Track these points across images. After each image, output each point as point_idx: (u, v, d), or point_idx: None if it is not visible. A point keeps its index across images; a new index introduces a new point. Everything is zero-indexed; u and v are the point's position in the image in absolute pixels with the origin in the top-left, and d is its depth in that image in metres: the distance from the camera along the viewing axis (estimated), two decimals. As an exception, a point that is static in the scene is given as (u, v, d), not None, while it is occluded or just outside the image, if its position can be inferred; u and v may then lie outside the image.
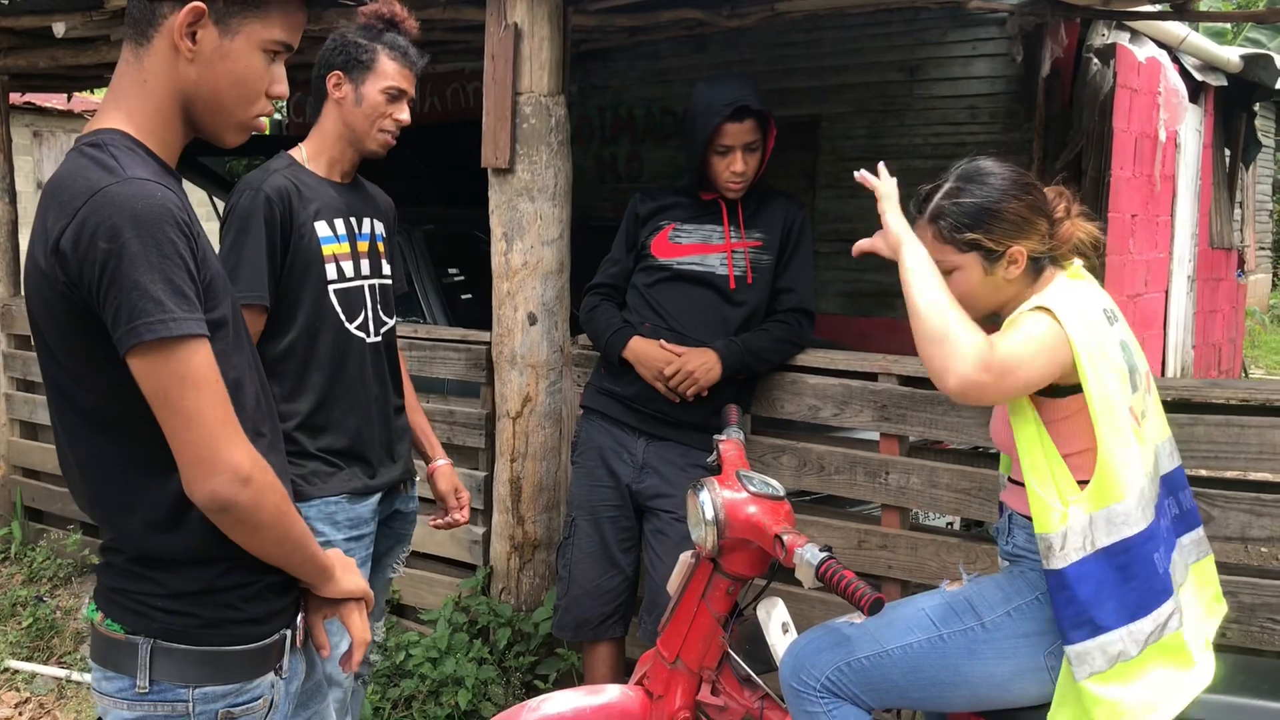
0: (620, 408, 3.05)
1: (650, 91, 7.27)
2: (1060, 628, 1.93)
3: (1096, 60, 5.96)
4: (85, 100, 16.09)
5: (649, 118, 7.40)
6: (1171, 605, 1.93)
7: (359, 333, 2.50)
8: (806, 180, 6.62)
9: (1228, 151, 8.70)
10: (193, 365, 1.37)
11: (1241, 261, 9.47)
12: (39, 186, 17.02)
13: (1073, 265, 2.10)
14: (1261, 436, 2.57)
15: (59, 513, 5.04)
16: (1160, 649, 1.92)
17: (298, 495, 2.41)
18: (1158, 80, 6.74)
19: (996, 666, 1.97)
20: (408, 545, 2.76)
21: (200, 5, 1.43)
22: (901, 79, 6.38)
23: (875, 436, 3.11)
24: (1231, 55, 7.65)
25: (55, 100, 14.38)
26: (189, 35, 1.43)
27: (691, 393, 2.90)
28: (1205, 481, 2.69)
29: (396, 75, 2.51)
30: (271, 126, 9.57)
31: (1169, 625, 1.92)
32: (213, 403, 1.38)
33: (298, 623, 1.63)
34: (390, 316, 2.63)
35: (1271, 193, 11.56)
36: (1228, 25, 10.59)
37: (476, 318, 3.98)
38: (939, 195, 2.08)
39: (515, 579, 3.53)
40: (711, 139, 2.91)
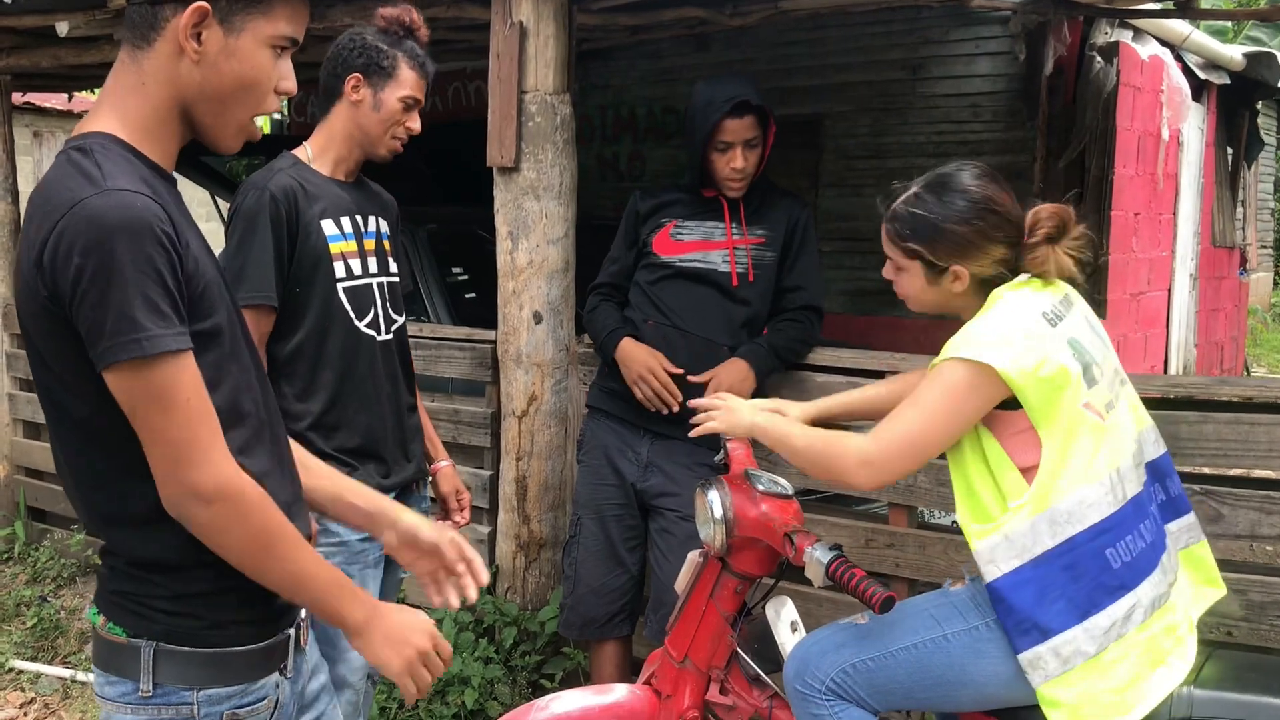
0: (625, 406, 3.04)
1: (652, 91, 7.26)
2: (1011, 637, 1.93)
3: (1099, 58, 5.95)
4: (86, 100, 16.07)
5: (651, 117, 7.39)
6: (1131, 599, 1.91)
7: (369, 330, 2.50)
8: (809, 179, 6.61)
9: (1230, 150, 8.69)
10: (163, 384, 1.34)
11: (1244, 260, 9.47)
12: (39, 187, 17.02)
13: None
14: (1271, 434, 2.56)
15: (62, 513, 5.03)
16: (1125, 644, 1.90)
17: None
18: (1161, 78, 6.74)
19: (1002, 665, 1.96)
20: None
21: (204, 5, 1.40)
22: (904, 77, 6.37)
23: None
24: (1234, 53, 7.65)
25: (55, 100, 14.37)
26: (194, 36, 1.41)
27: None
28: (1214, 479, 2.68)
29: (415, 85, 2.51)
30: (272, 126, 9.56)
31: (1131, 619, 1.90)
32: (179, 422, 1.36)
33: (301, 619, 1.61)
34: (399, 314, 2.62)
35: (1273, 191, 11.56)
36: (1229, 24, 10.58)
37: (481, 317, 3.98)
38: (900, 198, 2.08)
39: (521, 578, 3.53)
40: (711, 136, 2.90)
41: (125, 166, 1.39)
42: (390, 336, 2.56)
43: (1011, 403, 1.92)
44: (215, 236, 2.65)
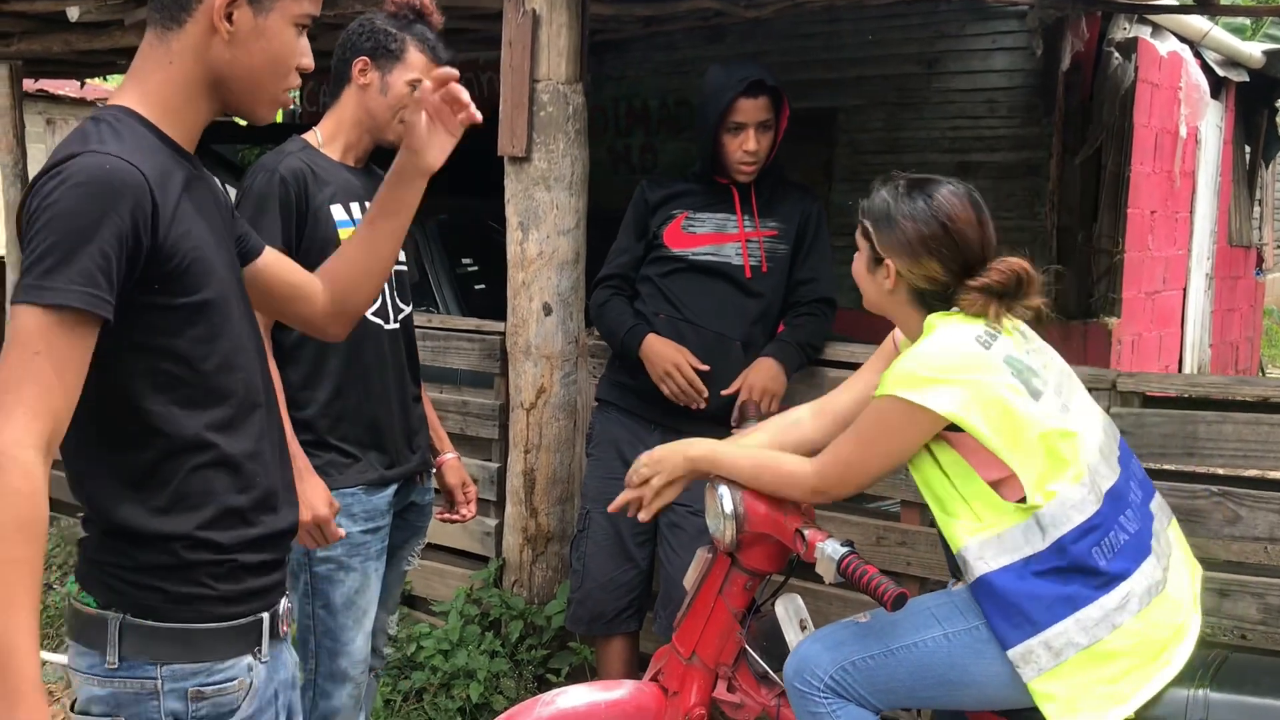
0: (635, 400, 3.02)
1: (665, 83, 7.22)
2: (998, 634, 1.92)
3: (1117, 54, 5.91)
4: (98, 87, 16.10)
5: (664, 109, 7.35)
6: (1124, 590, 1.89)
7: (376, 319, 2.47)
8: (823, 173, 6.57)
9: (1248, 148, 8.63)
10: (30, 329, 1.31)
11: (1260, 259, 9.40)
12: (52, 174, 17.09)
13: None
14: (1292, 436, 2.53)
15: (70, 500, 5.01)
16: (1120, 635, 1.88)
17: None
18: (1179, 75, 6.69)
19: (1003, 665, 1.94)
20: (423, 538, 2.73)
21: None
22: (920, 72, 6.33)
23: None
24: (1254, 51, 7.59)
25: (68, 87, 14.39)
26: (226, 16, 1.47)
27: (773, 407, 2.84)
28: (1233, 481, 2.64)
29: (424, 68, 2.47)
30: (284, 115, 9.55)
31: (1126, 608, 1.88)
32: (11, 367, 1.31)
33: (282, 611, 1.59)
34: (406, 303, 2.59)
35: (1290, 191, 11.47)
36: (1249, 20, 10.51)
37: (490, 308, 3.95)
38: (887, 182, 2.11)
39: (528, 571, 3.51)
40: (724, 116, 2.87)
41: (130, 137, 1.42)
42: (397, 326, 2.54)
43: (953, 427, 1.95)
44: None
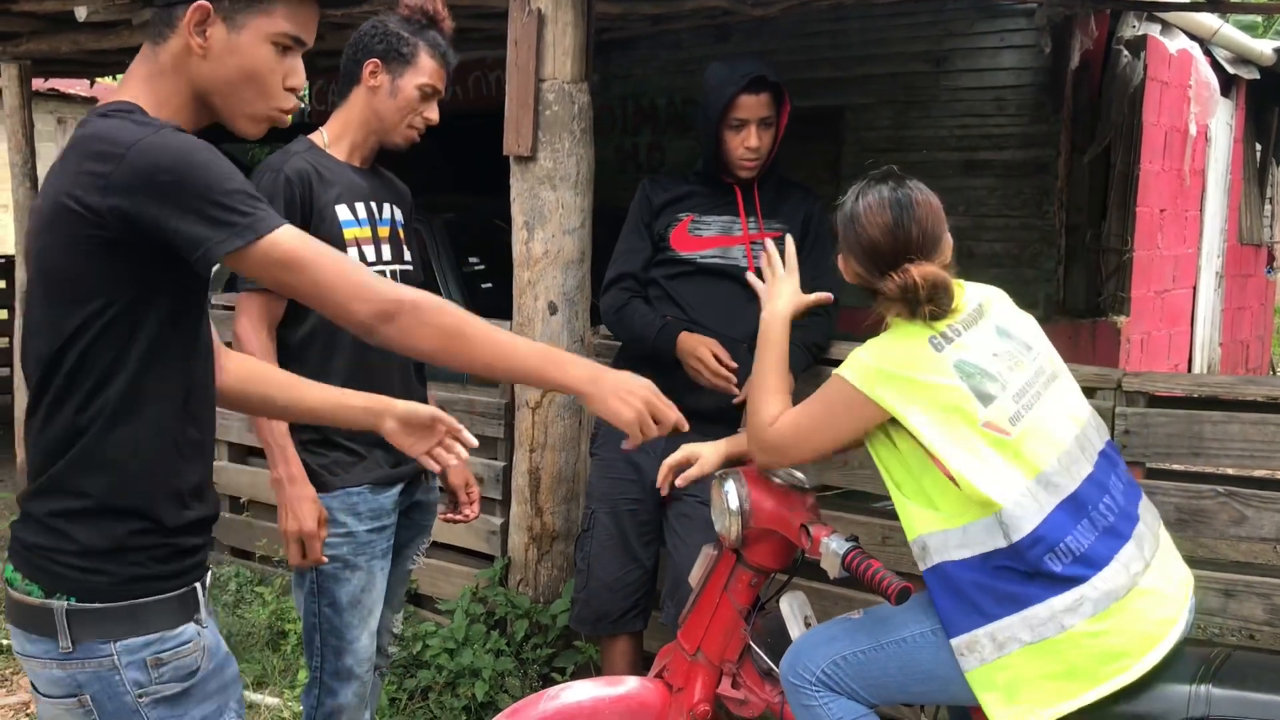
0: None
1: (672, 81, 7.23)
2: (947, 621, 1.95)
3: (1126, 52, 5.89)
4: (109, 86, 16.15)
5: (671, 108, 7.35)
6: (1076, 594, 1.88)
7: None
8: (830, 172, 6.56)
9: (1259, 146, 8.59)
10: (287, 253, 1.48)
11: (1271, 258, 9.36)
12: (62, 174, 17.14)
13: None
14: (1298, 435, 2.52)
15: None
16: (1068, 637, 1.87)
17: (320, 485, 2.39)
18: (1189, 73, 6.66)
19: None
20: (428, 537, 2.73)
21: (205, 4, 1.53)
22: (928, 70, 6.32)
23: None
24: (1264, 48, 7.56)
25: (78, 86, 14.43)
26: (199, 33, 1.54)
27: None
28: (1239, 481, 2.63)
29: (434, 74, 2.48)
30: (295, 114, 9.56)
31: (1078, 611, 1.87)
32: (321, 271, 1.51)
33: (206, 581, 1.64)
34: None
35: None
36: (1260, 18, 10.46)
37: (497, 307, 3.95)
38: (875, 176, 2.14)
39: (533, 570, 3.51)
40: (726, 113, 2.87)
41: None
42: None
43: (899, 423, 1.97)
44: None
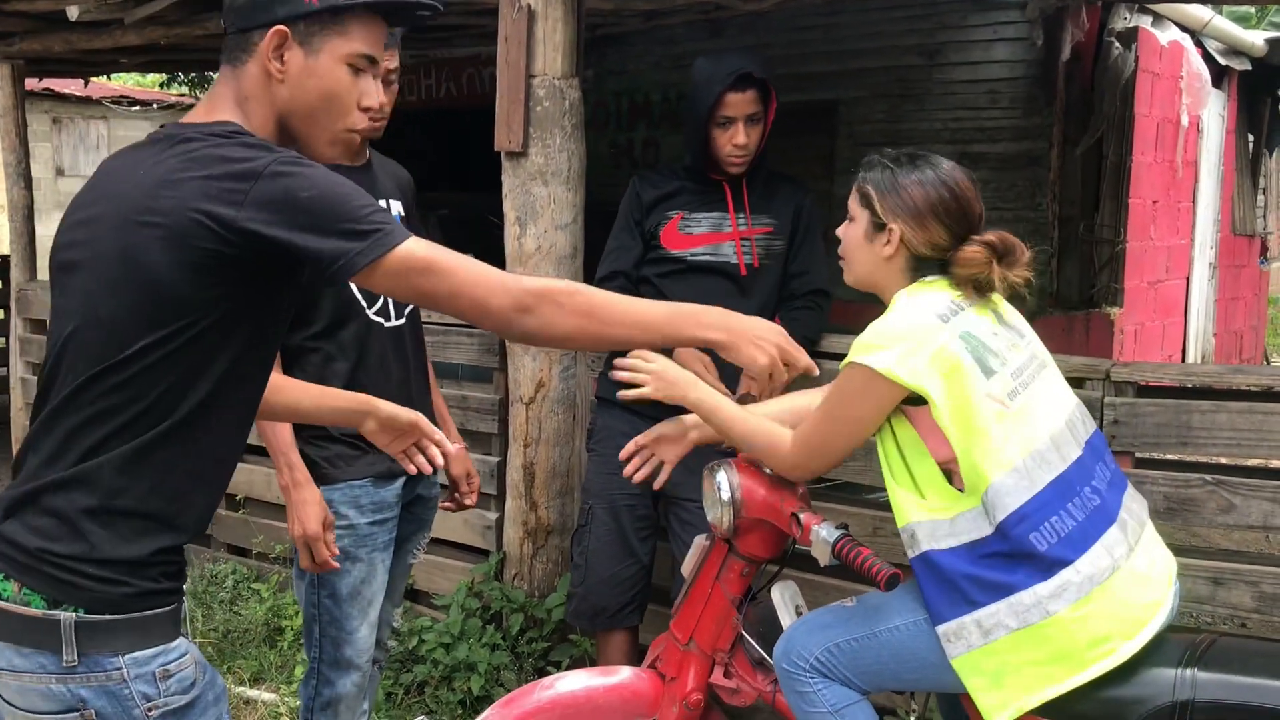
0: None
1: (666, 77, 7.23)
2: (933, 609, 1.96)
3: (1118, 44, 5.90)
4: (103, 86, 16.10)
5: (665, 103, 7.36)
6: (1060, 579, 1.89)
7: (378, 318, 2.47)
8: (824, 165, 6.58)
9: (1251, 137, 8.61)
10: (421, 257, 1.48)
11: (1264, 248, 9.38)
12: (59, 173, 17.05)
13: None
14: (1285, 423, 2.53)
15: None
16: (1053, 622, 1.89)
17: (322, 479, 2.40)
18: (1180, 64, 6.67)
19: None
20: (428, 531, 2.74)
21: (283, 29, 1.53)
22: (921, 63, 6.33)
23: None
24: (1256, 39, 7.56)
25: (73, 86, 14.39)
26: (277, 57, 1.54)
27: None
28: (1227, 470, 2.65)
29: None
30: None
31: (1062, 597, 1.89)
32: (456, 275, 1.50)
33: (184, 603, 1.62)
34: None
35: (1295, 179, 11.42)
36: (1251, 9, 10.46)
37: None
38: (885, 157, 2.15)
39: (528, 564, 3.52)
40: (713, 111, 2.87)
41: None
42: (402, 322, 2.53)
43: (920, 398, 1.97)
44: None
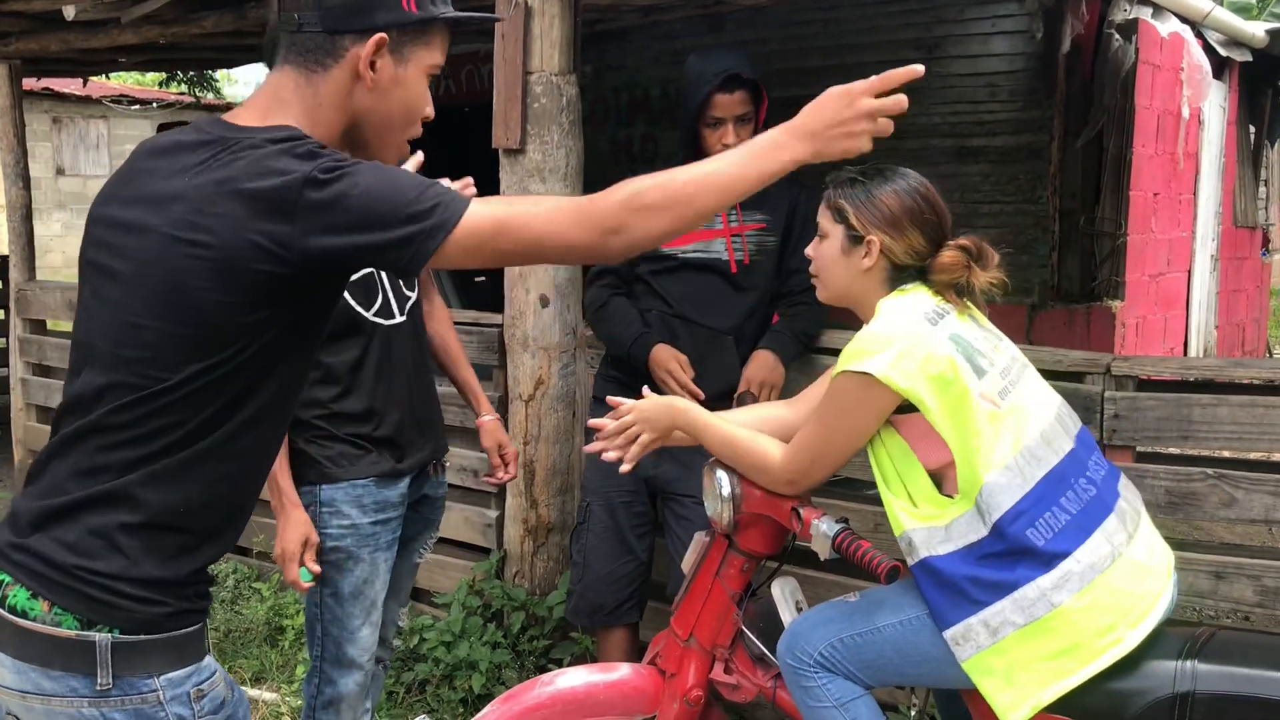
0: (628, 394, 3.01)
1: (666, 72, 7.21)
2: (938, 614, 1.96)
3: (1118, 36, 5.87)
4: (102, 85, 16.11)
5: (664, 99, 7.34)
6: (1061, 571, 1.90)
7: (377, 318, 2.46)
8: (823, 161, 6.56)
9: (1253, 128, 8.58)
10: (488, 217, 1.42)
11: (1266, 240, 9.36)
12: (59, 172, 17.07)
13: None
14: (1287, 416, 2.52)
15: None
16: (1058, 615, 1.89)
17: (325, 477, 2.39)
18: (1181, 56, 6.65)
19: None
20: (435, 531, 2.73)
21: (385, 36, 1.49)
22: (919, 57, 6.29)
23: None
24: (1257, 30, 7.53)
25: (73, 85, 14.37)
26: (370, 65, 1.50)
27: (773, 398, 2.87)
28: (1229, 463, 2.64)
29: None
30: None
31: (1065, 588, 1.90)
32: (529, 229, 1.44)
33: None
34: (413, 290, 2.57)
35: (1297, 171, 11.40)
36: (1253, 0, 10.45)
37: (491, 301, 3.96)
38: (850, 172, 2.17)
39: (529, 562, 3.52)
40: (702, 111, 2.86)
41: None
42: (403, 319, 2.51)
43: (911, 405, 1.98)
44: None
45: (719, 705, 2.40)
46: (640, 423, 2.26)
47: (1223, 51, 7.31)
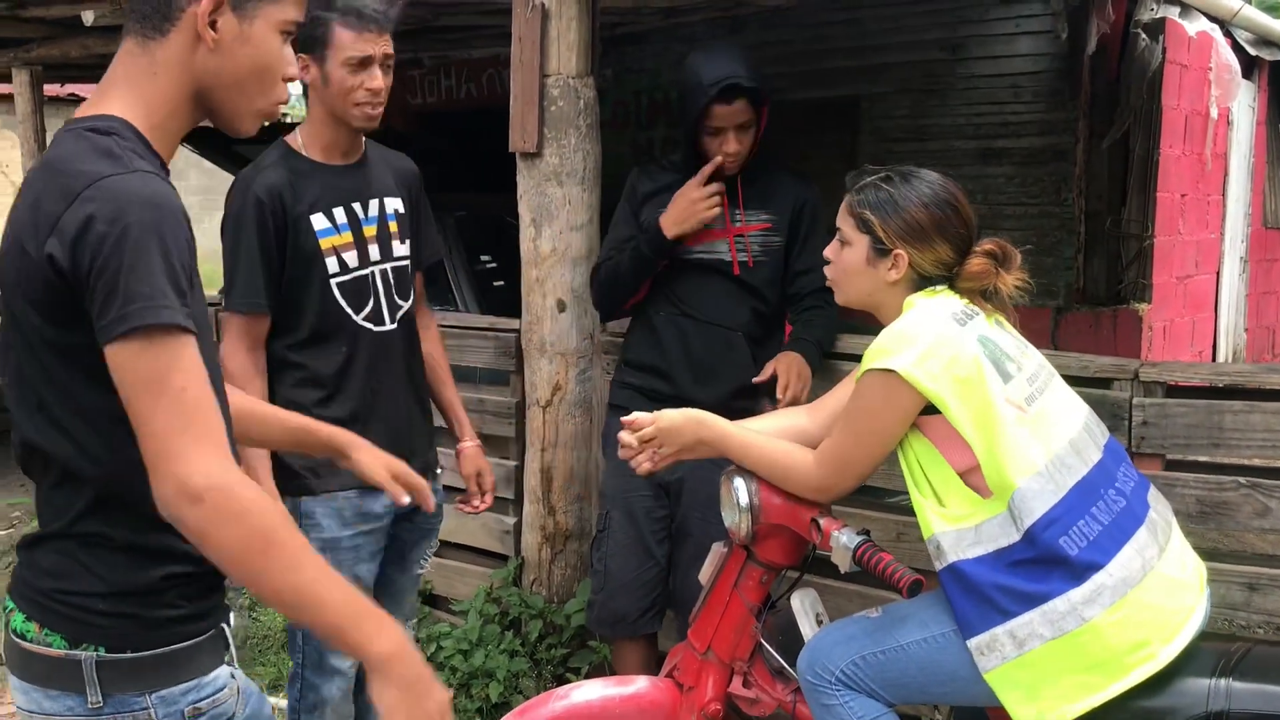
0: (645, 403, 2.97)
1: (687, 75, 7.18)
2: (963, 621, 1.92)
3: (1145, 36, 5.80)
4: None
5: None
6: (1094, 584, 1.85)
7: (367, 324, 2.44)
8: (846, 162, 6.49)
9: (1282, 129, 8.47)
10: (162, 364, 1.29)
11: (1297, 242, 9.23)
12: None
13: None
14: (1322, 424, 2.46)
15: None
16: (1089, 629, 1.84)
17: (306, 489, 2.37)
18: (1209, 56, 6.56)
19: None
20: (435, 539, 2.70)
21: None
22: (944, 58, 6.24)
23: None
24: (1286, 29, 7.43)
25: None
26: (210, 24, 1.43)
27: (803, 396, 2.81)
28: (1261, 472, 2.58)
29: (355, 43, 2.33)
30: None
31: (1097, 601, 1.85)
32: (170, 409, 1.28)
33: (233, 624, 1.55)
34: (406, 299, 2.55)
35: (1327, 171, 11.25)
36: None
37: (508, 305, 3.94)
38: (872, 175, 2.13)
39: (547, 570, 3.49)
40: (701, 119, 2.80)
41: (143, 154, 1.40)
42: (394, 326, 2.50)
43: (933, 408, 1.94)
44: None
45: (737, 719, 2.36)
46: (662, 436, 2.22)
47: (1252, 50, 7.21)
